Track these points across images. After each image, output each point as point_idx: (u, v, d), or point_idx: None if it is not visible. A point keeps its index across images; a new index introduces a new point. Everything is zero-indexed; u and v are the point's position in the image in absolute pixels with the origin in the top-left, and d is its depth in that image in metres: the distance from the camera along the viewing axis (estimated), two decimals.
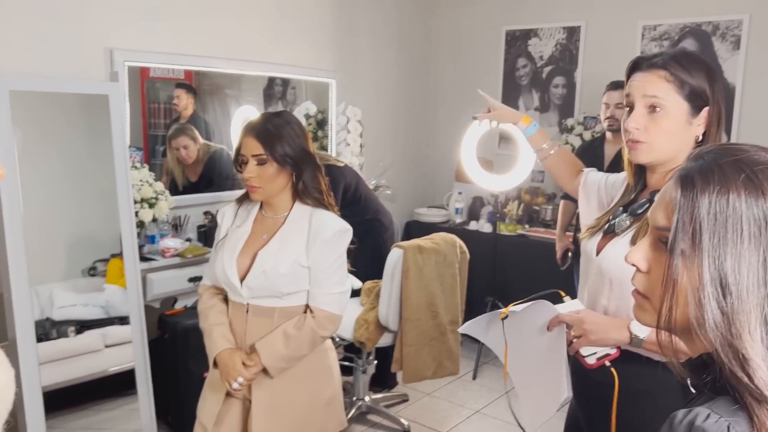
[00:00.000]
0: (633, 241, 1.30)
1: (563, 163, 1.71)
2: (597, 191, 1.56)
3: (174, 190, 3.42)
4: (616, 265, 1.31)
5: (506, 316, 1.34)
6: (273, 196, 1.80)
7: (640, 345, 1.25)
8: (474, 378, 3.74)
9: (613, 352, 1.30)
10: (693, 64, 1.28)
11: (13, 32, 2.72)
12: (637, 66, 1.33)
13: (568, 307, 1.38)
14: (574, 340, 1.30)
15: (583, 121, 4.18)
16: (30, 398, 2.37)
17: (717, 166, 0.65)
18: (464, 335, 3.93)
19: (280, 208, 1.83)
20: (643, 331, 1.24)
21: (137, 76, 3.35)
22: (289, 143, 1.76)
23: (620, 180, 1.52)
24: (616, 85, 3.27)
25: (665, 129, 1.27)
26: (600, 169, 3.25)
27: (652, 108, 1.28)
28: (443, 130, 5.02)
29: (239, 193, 1.94)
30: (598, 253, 1.38)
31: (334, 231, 1.79)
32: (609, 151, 3.35)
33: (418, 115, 4.96)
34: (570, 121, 4.26)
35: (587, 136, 4.05)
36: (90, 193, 2.92)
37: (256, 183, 1.76)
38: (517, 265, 4.05)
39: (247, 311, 1.79)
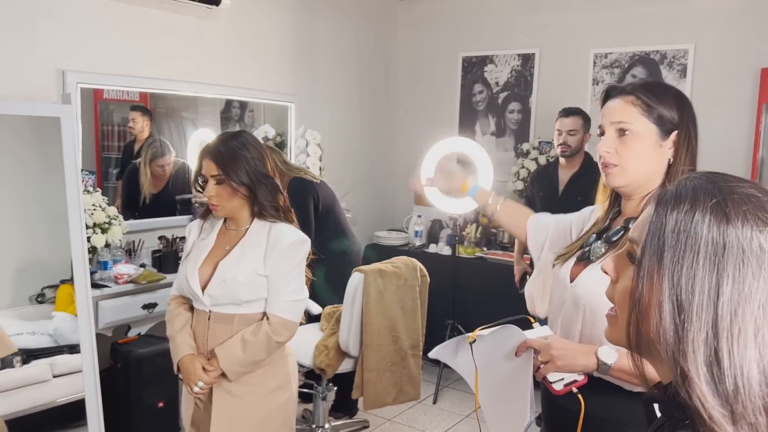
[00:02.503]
0: None
1: (512, 215, 1.71)
2: (547, 233, 1.59)
3: (128, 213, 3.34)
4: (591, 292, 1.31)
5: (474, 340, 1.34)
6: (232, 212, 1.92)
7: (607, 372, 1.26)
8: (434, 402, 3.72)
9: (581, 378, 1.30)
10: (661, 90, 1.32)
11: None
12: (608, 94, 1.37)
13: (537, 333, 1.38)
14: (542, 366, 1.30)
15: (538, 145, 4.26)
16: None
17: (693, 189, 0.67)
18: (425, 359, 3.93)
19: (242, 222, 1.94)
20: (610, 358, 1.25)
21: (90, 97, 3.27)
22: (244, 165, 1.86)
23: (580, 215, 1.55)
24: (568, 112, 3.35)
25: (635, 151, 1.30)
26: (555, 192, 3.36)
27: (622, 131, 1.31)
28: (402, 154, 5.06)
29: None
30: (572, 279, 1.38)
31: (291, 241, 1.90)
32: (563, 176, 3.42)
33: (378, 139, 4.99)
34: (525, 146, 4.35)
35: (542, 160, 4.13)
36: (39, 217, 2.82)
37: (215, 201, 1.88)
38: (476, 287, 4.08)
39: (208, 318, 1.91)
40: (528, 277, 3.58)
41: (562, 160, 3.41)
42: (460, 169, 2.07)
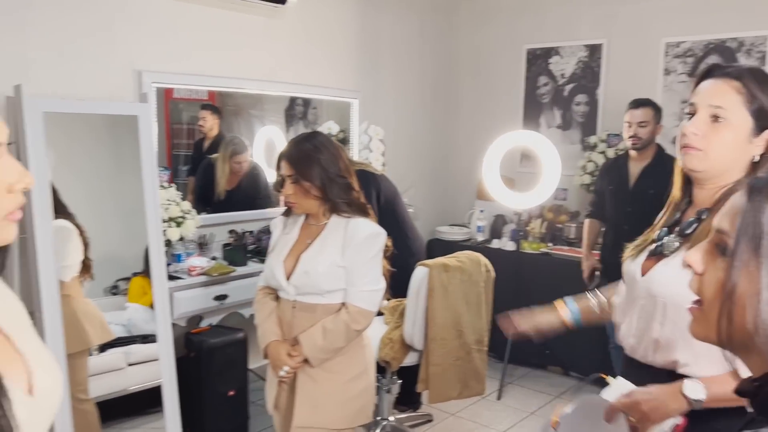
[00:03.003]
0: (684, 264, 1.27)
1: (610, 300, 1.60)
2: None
3: (200, 207, 3.46)
4: (668, 287, 1.26)
5: (558, 423, 1.27)
6: (309, 209, 2.04)
7: (701, 407, 1.19)
8: (499, 398, 3.69)
9: (681, 421, 1.23)
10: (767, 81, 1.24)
11: (47, 56, 2.78)
12: (709, 72, 1.29)
13: (616, 389, 1.31)
14: (638, 426, 1.23)
15: (606, 138, 4.16)
16: (60, 416, 2.38)
17: None
18: (490, 354, 3.89)
19: (320, 217, 2.05)
20: (699, 393, 1.18)
21: (161, 97, 3.39)
22: (316, 166, 1.98)
23: None
24: (638, 104, 3.25)
25: (724, 140, 1.23)
26: (625, 186, 3.27)
27: (715, 117, 1.24)
28: (464, 149, 5.03)
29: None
30: (643, 274, 1.35)
31: (367, 234, 1.99)
32: (634, 169, 3.32)
33: (440, 133, 4.98)
34: (593, 139, 4.25)
35: (610, 153, 4.03)
36: (113, 213, 2.95)
37: (292, 199, 2.01)
38: (541, 283, 4.01)
39: (293, 307, 2.01)
40: (597, 273, 3.51)
41: (632, 152, 3.32)
42: None
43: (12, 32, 2.67)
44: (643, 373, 1.34)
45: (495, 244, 4.33)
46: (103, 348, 2.87)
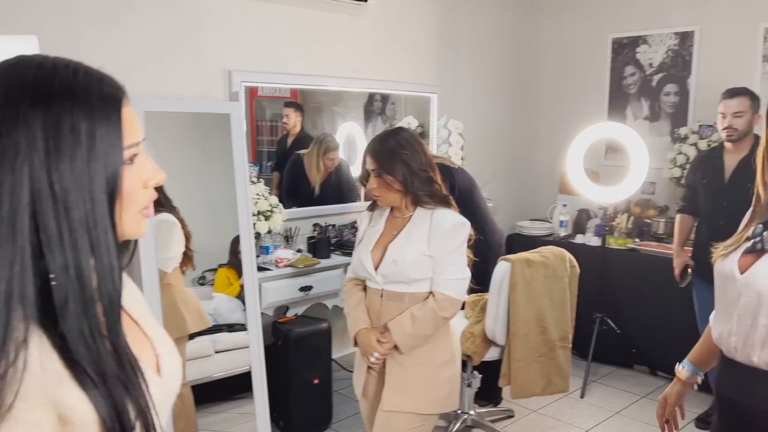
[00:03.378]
0: None
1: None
2: None
3: (288, 202, 3.58)
4: None
5: None
6: (393, 202, 2.10)
7: None
8: (582, 396, 3.62)
9: None
10: None
11: (145, 58, 2.95)
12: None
13: None
14: None
15: (698, 129, 3.98)
16: None
17: None
18: (572, 351, 3.81)
19: (404, 209, 2.11)
20: None
21: (247, 95, 3.52)
22: (398, 160, 2.04)
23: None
24: (733, 93, 3.09)
25: None
26: (720, 180, 3.12)
27: None
28: (546, 141, 4.94)
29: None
30: (742, 272, 1.30)
31: (451, 225, 2.04)
32: (729, 162, 3.16)
33: (520, 126, 4.91)
34: (683, 130, 4.07)
35: (702, 145, 3.85)
36: (201, 206, 3.06)
37: (376, 193, 2.08)
38: (627, 280, 3.90)
39: (381, 296, 2.07)
40: (689, 271, 3.36)
41: (727, 144, 3.16)
42: None
43: (116, 38, 2.85)
44: (745, 375, 1.29)
45: (579, 239, 4.24)
46: (192, 336, 2.98)
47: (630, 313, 3.88)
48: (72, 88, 0.72)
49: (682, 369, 1.60)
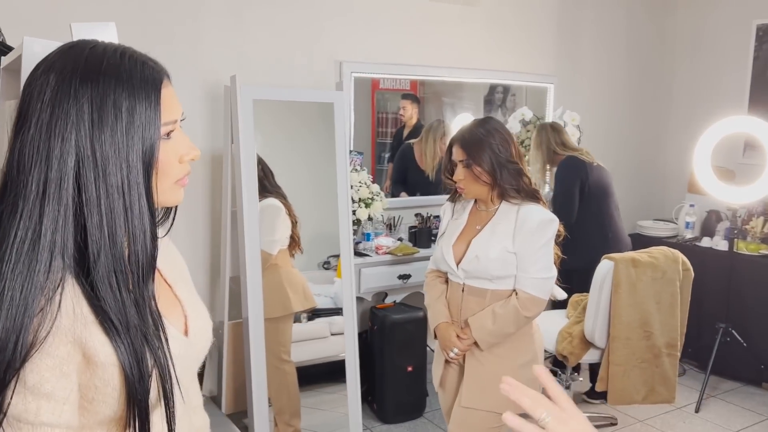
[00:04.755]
0: None
1: None
2: None
3: (398, 190, 3.64)
4: None
5: None
6: (478, 194, 2.03)
7: None
8: (697, 411, 3.35)
9: None
10: None
11: (257, 48, 3.12)
12: None
13: None
14: None
15: None
16: (256, 372, 2.69)
17: None
18: (690, 362, 3.54)
19: (490, 203, 2.04)
20: None
21: (368, 87, 3.61)
22: (488, 150, 1.97)
23: None
24: None
25: None
26: None
27: None
28: (675, 136, 4.60)
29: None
30: None
31: (539, 221, 1.96)
32: None
33: (646, 120, 4.61)
34: None
35: None
36: (324, 193, 3.17)
37: (462, 185, 2.02)
38: (758, 289, 3.55)
39: (463, 290, 2.04)
40: None
41: None
42: None
43: (230, 29, 3.04)
44: None
45: (705, 242, 3.91)
46: (311, 317, 3.13)
47: (760, 325, 3.53)
48: (118, 69, 0.81)
49: None
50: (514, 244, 1.96)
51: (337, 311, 3.13)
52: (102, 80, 0.79)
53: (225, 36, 3.02)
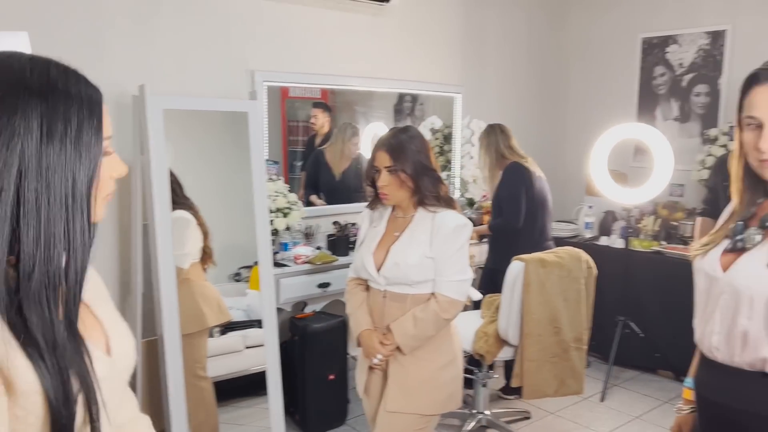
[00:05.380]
0: None
1: None
2: None
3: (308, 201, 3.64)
4: (756, 281, 1.21)
5: None
6: (401, 201, 2.08)
7: None
8: (602, 400, 3.58)
9: None
10: None
11: (167, 57, 3.04)
12: (756, 79, 1.21)
13: None
14: None
15: (728, 131, 3.88)
16: (173, 391, 2.61)
17: None
18: (594, 355, 3.76)
19: (408, 209, 2.10)
20: None
21: (278, 96, 3.60)
22: (411, 157, 2.02)
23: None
24: None
25: None
26: None
27: None
28: (573, 142, 4.88)
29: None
30: (724, 270, 1.29)
31: (454, 225, 2.03)
32: None
33: (547, 127, 4.87)
34: (713, 132, 3.98)
35: (732, 146, 3.75)
36: (236, 203, 3.13)
37: (386, 190, 2.05)
38: (651, 283, 3.84)
39: (384, 297, 2.08)
40: None
41: None
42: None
43: (139, 38, 2.95)
44: (726, 376, 1.28)
45: (603, 241, 4.18)
46: (224, 331, 3.07)
47: (654, 316, 3.81)
48: (66, 85, 0.80)
49: (687, 387, 1.51)
50: (431, 249, 2.02)
51: (251, 324, 3.09)
52: (51, 95, 0.78)
53: (131, 43, 2.92)
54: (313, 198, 3.79)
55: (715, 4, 4.06)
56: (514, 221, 3.33)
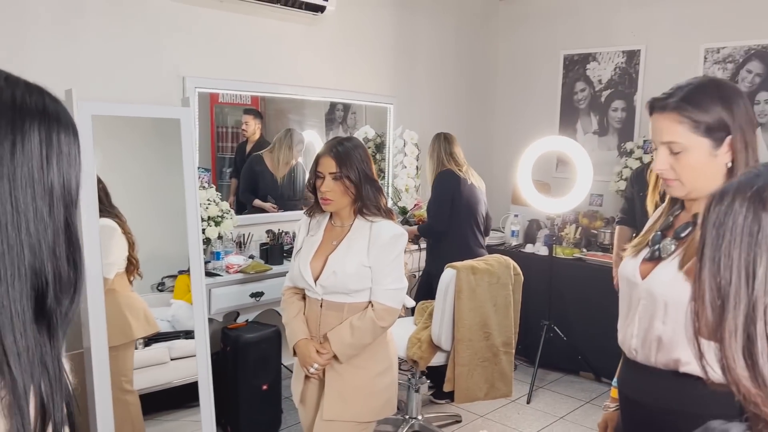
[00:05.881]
0: (681, 265, 1.32)
1: None
2: None
3: (243, 206, 3.62)
4: (669, 287, 1.31)
5: None
6: (342, 207, 2.10)
7: None
8: (528, 402, 3.71)
9: None
10: (705, 98, 1.26)
11: (96, 62, 2.95)
12: (652, 108, 1.34)
13: None
14: None
15: (642, 144, 4.13)
16: (101, 406, 2.52)
17: (738, 182, 0.67)
18: (521, 358, 3.90)
19: (347, 218, 2.12)
20: None
21: (207, 101, 3.55)
22: (356, 165, 2.06)
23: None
24: None
25: (691, 166, 1.29)
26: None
27: (672, 150, 1.29)
28: (500, 153, 5.05)
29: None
30: (643, 278, 1.39)
31: (391, 235, 2.07)
32: None
33: (475, 138, 5.01)
34: (629, 145, 4.23)
35: (647, 159, 4.00)
36: (160, 212, 3.07)
37: (330, 196, 2.06)
38: (573, 289, 4.02)
39: (321, 306, 2.09)
40: None
41: None
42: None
43: (65, 40, 2.85)
44: (645, 376, 1.38)
45: (528, 248, 4.35)
46: (148, 342, 2.99)
47: (576, 320, 3.99)
48: (43, 102, 0.75)
49: (614, 386, 1.59)
50: (368, 258, 2.05)
51: (176, 335, 3.03)
52: (28, 114, 0.71)
53: (56, 46, 2.82)
54: (258, 202, 3.78)
55: (630, 25, 4.32)
56: (437, 225, 3.50)
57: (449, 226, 3.48)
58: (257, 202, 3.79)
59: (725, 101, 1.27)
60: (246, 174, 3.81)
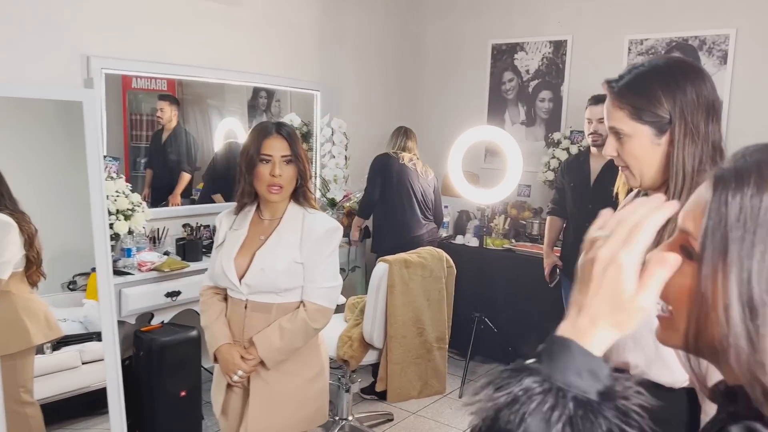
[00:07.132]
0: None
1: None
2: None
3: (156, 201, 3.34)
4: None
5: None
6: (287, 196, 1.91)
7: None
8: (460, 397, 3.65)
9: None
10: (646, 84, 1.22)
11: None
12: (602, 96, 1.33)
13: None
14: None
15: (569, 135, 4.14)
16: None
17: (757, 165, 0.57)
18: (451, 352, 3.84)
19: (279, 210, 1.93)
20: None
21: (118, 86, 3.26)
22: (300, 147, 1.91)
23: None
24: (598, 100, 3.22)
25: (634, 153, 1.25)
26: (587, 183, 3.24)
27: (617, 135, 1.26)
28: (429, 143, 4.96)
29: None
30: None
31: (326, 229, 1.91)
32: (595, 166, 3.30)
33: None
34: (556, 135, 4.23)
35: (574, 150, 4.01)
36: (70, 205, 2.80)
37: (282, 182, 1.86)
38: (504, 279, 3.99)
39: (245, 307, 1.90)
40: (558, 270, 3.49)
41: (593, 149, 3.30)
42: None
43: None
44: None
45: (459, 240, 4.29)
46: (57, 346, 2.73)
47: (506, 311, 3.97)
48: None
49: None
50: (301, 254, 1.88)
51: (89, 337, 2.78)
52: None
53: None
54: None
55: (557, 15, 4.32)
56: (366, 198, 3.78)
57: (383, 202, 3.69)
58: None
59: (667, 87, 1.20)
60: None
